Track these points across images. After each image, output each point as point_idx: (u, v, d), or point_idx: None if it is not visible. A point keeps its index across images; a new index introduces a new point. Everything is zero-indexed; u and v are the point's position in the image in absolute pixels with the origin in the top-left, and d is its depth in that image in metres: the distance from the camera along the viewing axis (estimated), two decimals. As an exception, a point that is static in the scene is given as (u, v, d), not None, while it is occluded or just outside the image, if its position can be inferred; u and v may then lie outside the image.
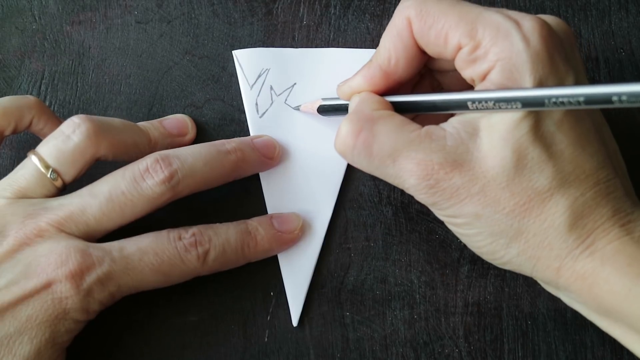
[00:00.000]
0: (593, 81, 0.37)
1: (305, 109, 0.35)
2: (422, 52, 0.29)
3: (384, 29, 0.36)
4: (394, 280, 0.34)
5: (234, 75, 0.37)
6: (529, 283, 0.33)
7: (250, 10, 0.38)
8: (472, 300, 0.33)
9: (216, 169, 0.32)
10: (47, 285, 0.27)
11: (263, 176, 0.35)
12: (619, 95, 0.23)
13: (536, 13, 0.38)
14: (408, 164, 0.27)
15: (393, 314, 0.33)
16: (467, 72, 0.27)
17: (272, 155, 0.34)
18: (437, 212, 0.28)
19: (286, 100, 0.36)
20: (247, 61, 0.37)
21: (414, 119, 0.29)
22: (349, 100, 0.31)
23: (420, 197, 0.28)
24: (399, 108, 0.29)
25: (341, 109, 0.33)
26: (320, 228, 0.34)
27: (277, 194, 0.35)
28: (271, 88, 0.36)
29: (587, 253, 0.26)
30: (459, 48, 0.27)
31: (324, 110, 0.34)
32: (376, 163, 0.27)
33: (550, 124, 0.26)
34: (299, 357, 0.33)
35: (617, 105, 0.24)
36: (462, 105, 0.27)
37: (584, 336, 0.33)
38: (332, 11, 0.38)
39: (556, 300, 0.30)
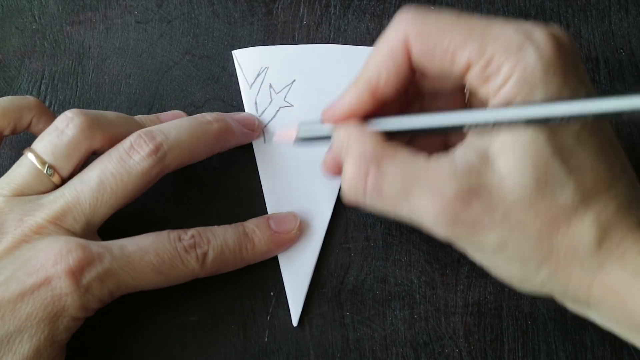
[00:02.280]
0: (593, 81, 0.37)
1: (279, 139, 0.34)
2: (412, 71, 0.27)
3: (384, 29, 0.36)
4: (394, 280, 0.34)
5: (234, 75, 0.37)
6: (529, 283, 0.33)
7: (250, 10, 0.38)
8: (472, 300, 0.33)
9: (201, 139, 0.32)
10: (46, 282, 0.27)
11: (263, 176, 0.35)
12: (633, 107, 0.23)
13: (536, 13, 0.38)
14: (422, 199, 0.25)
15: (393, 314, 0.33)
16: (482, 90, 0.26)
17: (253, 127, 0.35)
18: (461, 245, 0.27)
19: (285, 97, 0.36)
20: (246, 61, 0.37)
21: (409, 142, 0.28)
22: (335, 124, 0.29)
23: (441, 232, 0.26)
24: (391, 136, 0.28)
25: (319, 138, 0.31)
26: (320, 228, 0.34)
27: (277, 193, 0.35)
28: (270, 86, 0.36)
29: (618, 265, 0.25)
30: (468, 67, 0.25)
31: (301, 140, 0.31)
32: (389, 204, 0.26)
33: (568, 137, 0.25)
34: (299, 357, 0.33)
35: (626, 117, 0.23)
36: (458, 126, 0.26)
37: (584, 336, 0.33)
38: (332, 11, 0.38)
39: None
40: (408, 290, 0.34)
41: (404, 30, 0.26)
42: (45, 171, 0.30)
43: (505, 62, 0.25)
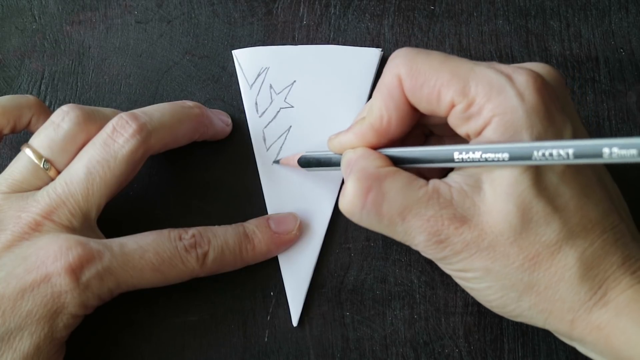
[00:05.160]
0: (593, 81, 0.37)
1: (285, 163, 0.34)
2: (415, 110, 0.28)
3: (384, 29, 0.36)
4: (394, 280, 0.34)
5: (234, 75, 0.37)
6: (529, 283, 0.33)
7: (250, 10, 0.38)
8: (472, 300, 0.33)
9: (183, 122, 0.32)
10: (46, 279, 0.27)
11: (263, 176, 0.35)
12: (610, 146, 0.23)
13: (536, 13, 0.38)
14: (417, 221, 0.26)
15: (393, 314, 0.33)
16: (462, 130, 0.27)
17: (227, 122, 0.36)
18: (446, 266, 0.28)
19: (286, 98, 0.36)
20: (246, 60, 0.37)
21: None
22: (339, 153, 0.31)
23: (429, 252, 0.27)
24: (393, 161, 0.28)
25: (324, 164, 0.32)
26: (320, 228, 0.34)
27: (277, 194, 0.35)
28: (271, 87, 0.36)
29: (600, 304, 0.25)
30: (452, 105, 0.26)
31: (305, 163, 0.33)
32: (385, 222, 0.27)
33: (552, 177, 0.25)
34: (299, 357, 0.33)
35: (607, 160, 0.23)
36: (448, 159, 0.26)
37: (584, 336, 0.33)
38: (332, 11, 0.38)
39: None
40: (408, 290, 0.34)
41: (397, 69, 0.27)
42: (42, 165, 0.30)
43: (487, 104, 0.25)
